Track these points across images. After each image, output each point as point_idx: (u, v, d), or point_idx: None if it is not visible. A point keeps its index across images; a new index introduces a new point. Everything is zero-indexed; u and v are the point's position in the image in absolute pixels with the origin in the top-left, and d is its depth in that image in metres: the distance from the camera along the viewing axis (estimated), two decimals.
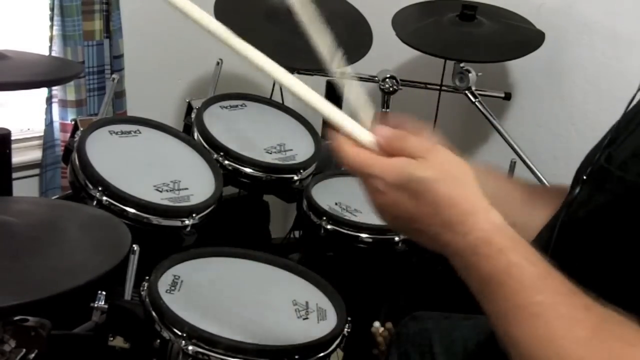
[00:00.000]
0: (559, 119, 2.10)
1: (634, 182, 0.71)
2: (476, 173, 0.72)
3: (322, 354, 1.25)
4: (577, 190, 0.82)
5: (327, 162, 2.01)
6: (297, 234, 2.11)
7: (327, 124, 0.72)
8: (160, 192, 1.53)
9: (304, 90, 0.80)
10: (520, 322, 0.64)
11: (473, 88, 1.97)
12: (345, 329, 1.33)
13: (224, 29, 0.78)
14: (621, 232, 0.71)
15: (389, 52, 2.18)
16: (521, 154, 1.88)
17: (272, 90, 2.16)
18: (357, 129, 0.73)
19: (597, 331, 0.61)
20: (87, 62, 2.12)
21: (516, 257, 0.65)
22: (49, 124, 2.13)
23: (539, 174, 1.84)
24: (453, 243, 0.68)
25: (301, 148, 1.84)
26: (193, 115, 1.81)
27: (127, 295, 1.35)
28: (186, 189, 1.56)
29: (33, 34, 2.13)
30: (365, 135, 0.73)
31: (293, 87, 0.81)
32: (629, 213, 0.70)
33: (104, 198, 1.43)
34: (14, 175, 1.74)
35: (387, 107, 2.10)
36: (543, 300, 0.63)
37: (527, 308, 0.63)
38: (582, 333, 0.61)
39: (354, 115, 0.75)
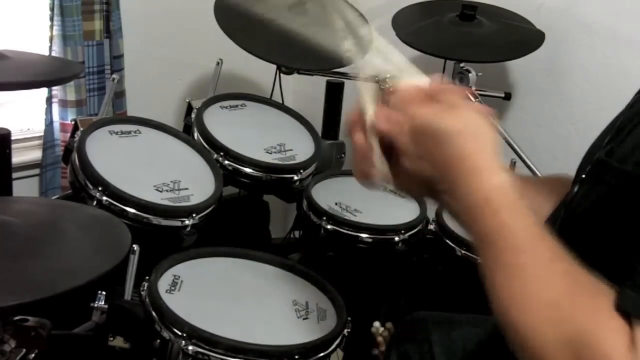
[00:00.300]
0: (559, 119, 2.10)
1: (631, 172, 0.72)
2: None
3: (322, 354, 1.25)
4: (576, 189, 0.83)
5: (327, 162, 2.01)
6: (297, 234, 2.11)
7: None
8: (160, 192, 1.53)
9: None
10: (501, 279, 0.67)
11: (473, 88, 1.97)
12: (345, 329, 1.33)
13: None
14: (620, 223, 0.71)
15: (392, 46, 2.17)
16: (521, 154, 1.87)
17: (272, 90, 2.16)
18: (418, 75, 0.80)
19: (567, 295, 0.64)
20: (87, 62, 2.12)
21: (509, 218, 0.68)
22: (49, 124, 2.13)
23: (539, 174, 1.84)
24: (460, 196, 0.72)
25: (301, 148, 1.84)
26: (193, 115, 1.81)
27: (127, 295, 1.35)
28: (186, 189, 1.56)
29: (33, 34, 2.13)
30: (422, 80, 0.79)
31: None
32: (627, 204, 0.71)
33: (104, 198, 1.43)
34: (14, 175, 1.74)
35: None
36: (525, 261, 0.66)
37: (509, 267, 0.67)
38: (552, 295, 0.64)
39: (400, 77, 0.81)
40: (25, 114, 2.21)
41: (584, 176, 0.82)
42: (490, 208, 0.69)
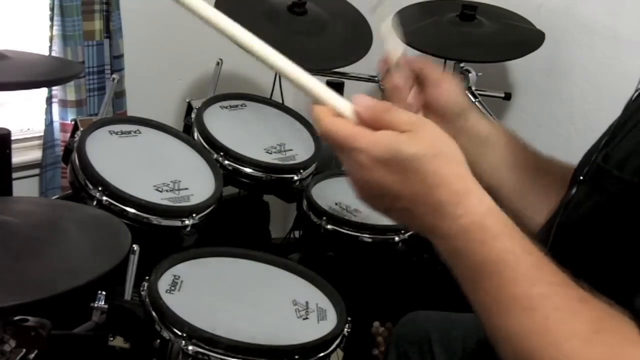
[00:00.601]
0: (559, 119, 2.10)
1: (629, 181, 0.71)
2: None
3: (322, 354, 1.25)
4: (573, 191, 0.82)
5: (327, 162, 2.01)
6: (297, 234, 2.11)
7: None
8: (160, 192, 1.53)
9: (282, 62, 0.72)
10: (515, 313, 0.61)
11: (473, 88, 1.96)
12: (345, 329, 1.33)
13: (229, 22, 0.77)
14: (619, 232, 0.70)
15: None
16: None
17: (272, 90, 2.16)
18: (337, 98, 0.69)
19: (596, 326, 0.59)
20: (87, 62, 2.12)
21: (511, 245, 0.62)
22: (49, 124, 2.13)
23: None
24: (442, 226, 0.64)
25: (301, 148, 1.84)
26: (193, 115, 1.81)
27: (127, 295, 1.35)
28: (186, 189, 1.56)
29: (33, 34, 2.13)
30: (345, 106, 0.68)
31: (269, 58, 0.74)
32: (625, 212, 0.70)
33: (104, 198, 1.43)
34: (14, 175, 1.74)
35: None
36: (540, 292, 0.60)
37: (523, 299, 0.60)
38: (581, 327, 0.59)
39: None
40: (25, 114, 2.21)
41: (581, 178, 0.82)
42: (489, 233, 0.62)
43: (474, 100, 1.97)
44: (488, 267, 0.62)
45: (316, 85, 0.69)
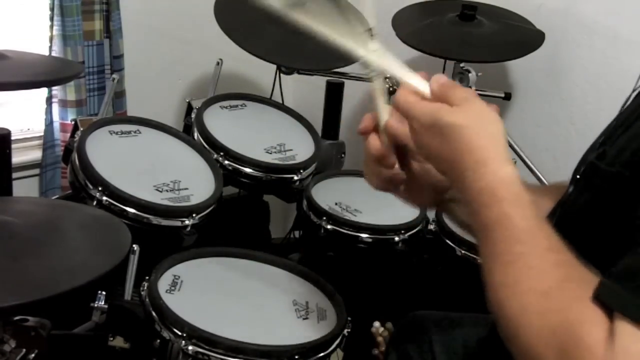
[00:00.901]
0: (559, 119, 2.10)
1: (619, 173, 0.73)
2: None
3: (322, 354, 1.25)
4: (570, 190, 0.84)
5: (327, 162, 2.01)
6: (297, 234, 2.11)
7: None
8: (161, 192, 1.53)
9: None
10: (496, 267, 0.69)
11: (473, 88, 1.96)
12: (345, 329, 1.33)
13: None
14: (609, 222, 0.72)
15: (389, 52, 2.17)
16: (521, 154, 1.87)
17: (272, 90, 2.16)
18: (416, 79, 0.79)
19: (558, 284, 0.65)
20: (87, 62, 2.12)
21: (510, 209, 0.69)
22: (49, 124, 2.13)
23: (539, 174, 1.84)
24: (465, 188, 0.73)
25: (301, 148, 1.84)
26: (193, 115, 1.81)
27: (127, 295, 1.35)
28: (186, 189, 1.56)
29: (33, 34, 2.13)
30: (422, 85, 0.79)
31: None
32: (615, 204, 0.72)
33: (104, 198, 1.43)
34: (14, 175, 1.74)
35: None
36: (521, 250, 0.67)
37: (504, 255, 0.68)
38: (543, 285, 0.65)
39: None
40: (25, 114, 2.20)
41: (578, 177, 0.83)
42: (494, 198, 0.70)
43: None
44: (488, 227, 0.70)
45: (400, 68, 0.81)
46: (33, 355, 1.13)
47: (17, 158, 2.02)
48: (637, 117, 0.78)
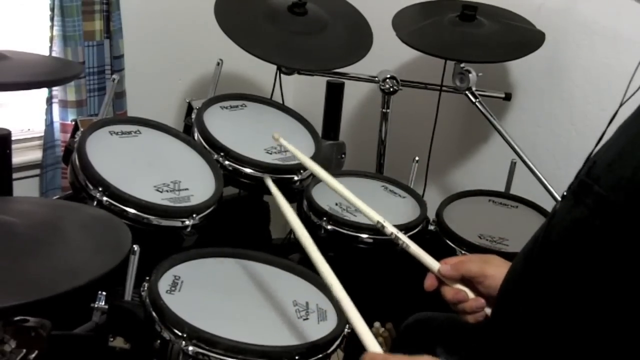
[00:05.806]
0: (559, 119, 2.10)
1: (605, 197, 0.70)
2: None
3: (322, 355, 1.25)
4: (557, 206, 0.81)
5: (327, 162, 2.01)
6: None
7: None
8: (161, 192, 1.53)
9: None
10: None
11: (473, 88, 1.97)
12: (346, 330, 1.33)
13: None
14: (592, 250, 0.69)
15: (389, 53, 2.18)
16: (521, 154, 1.88)
17: (272, 90, 2.16)
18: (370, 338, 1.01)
19: None
20: (88, 62, 2.12)
21: None
22: (50, 124, 2.13)
23: (539, 174, 1.84)
24: None
25: (301, 148, 1.84)
26: (193, 116, 1.81)
27: (128, 295, 1.35)
28: (186, 189, 1.56)
29: (33, 34, 2.13)
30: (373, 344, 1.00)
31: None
32: (599, 232, 0.69)
33: (104, 198, 1.43)
34: (14, 175, 1.74)
35: (388, 108, 2.10)
36: None
37: None
38: None
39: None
40: (25, 115, 2.21)
41: (564, 193, 0.81)
42: None
43: (474, 100, 1.97)
44: None
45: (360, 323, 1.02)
46: (33, 355, 1.13)
47: (17, 158, 2.02)
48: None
